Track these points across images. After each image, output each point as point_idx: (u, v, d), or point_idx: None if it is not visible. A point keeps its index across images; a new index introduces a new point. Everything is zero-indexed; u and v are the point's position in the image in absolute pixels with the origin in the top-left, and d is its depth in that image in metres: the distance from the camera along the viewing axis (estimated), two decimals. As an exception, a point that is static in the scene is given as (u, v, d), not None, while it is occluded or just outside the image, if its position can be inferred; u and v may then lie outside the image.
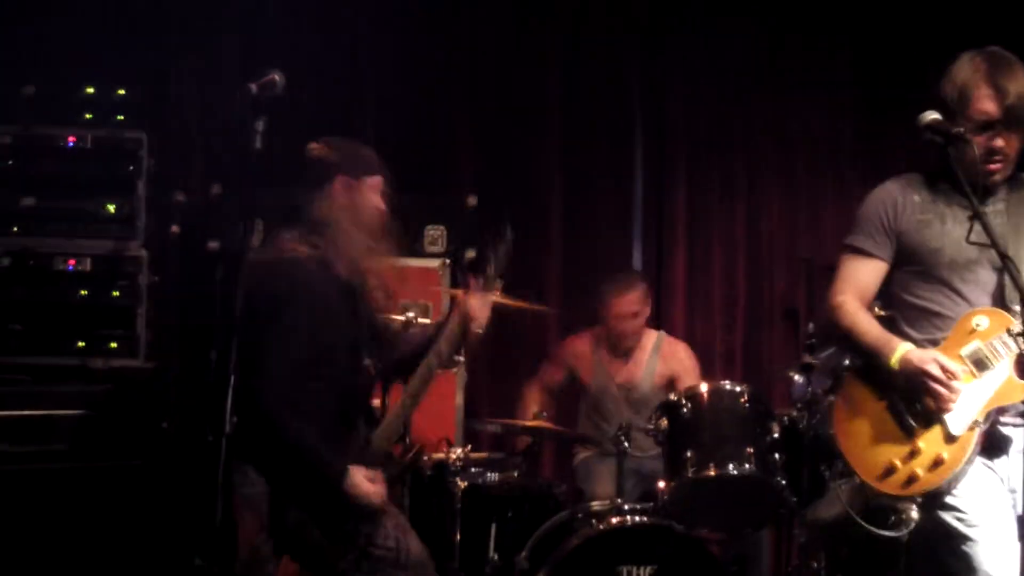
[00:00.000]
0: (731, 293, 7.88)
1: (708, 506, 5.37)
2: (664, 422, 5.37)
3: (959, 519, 4.00)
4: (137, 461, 5.79)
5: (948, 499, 4.01)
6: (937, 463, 3.98)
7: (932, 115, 4.04)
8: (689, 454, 5.20)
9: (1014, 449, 4.09)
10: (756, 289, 7.84)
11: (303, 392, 4.08)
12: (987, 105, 4.03)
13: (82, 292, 6.00)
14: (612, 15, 7.82)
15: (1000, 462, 4.08)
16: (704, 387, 5.41)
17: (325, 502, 4.10)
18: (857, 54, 7.89)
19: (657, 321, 7.44)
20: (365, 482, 4.16)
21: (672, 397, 5.43)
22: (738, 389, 5.35)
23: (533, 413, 6.16)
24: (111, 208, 6.05)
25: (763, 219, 7.90)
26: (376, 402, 4.63)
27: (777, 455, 5.26)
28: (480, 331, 4.52)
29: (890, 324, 4.22)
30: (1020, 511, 4.03)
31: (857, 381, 4.21)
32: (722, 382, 5.52)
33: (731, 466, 5.16)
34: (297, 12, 7.29)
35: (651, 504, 5.49)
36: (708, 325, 7.80)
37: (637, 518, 5.43)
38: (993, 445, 4.06)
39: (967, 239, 4.08)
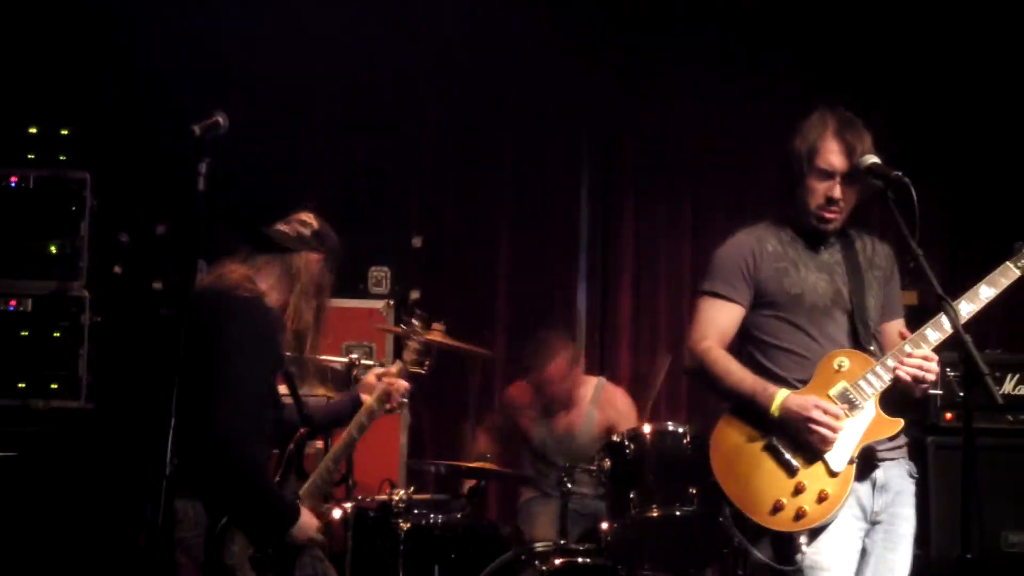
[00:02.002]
0: (677, 332, 7.91)
1: (652, 546, 5.37)
2: (608, 463, 5.38)
3: (809, 557, 4.22)
4: (78, 501, 5.75)
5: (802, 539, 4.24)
6: (823, 498, 4.20)
7: (872, 159, 4.28)
8: (632, 495, 5.21)
9: (889, 483, 4.36)
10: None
11: (255, 427, 4.09)
12: (834, 158, 4.32)
13: (23, 332, 5.95)
14: (562, 55, 7.87)
15: (867, 490, 4.32)
16: (647, 428, 5.41)
17: (268, 534, 4.11)
18: (809, 90, 7.95)
19: (602, 360, 7.48)
20: (310, 520, 4.21)
21: (615, 438, 5.43)
22: (681, 430, 5.36)
23: (477, 455, 6.18)
24: (53, 248, 6.02)
25: (709, 259, 7.92)
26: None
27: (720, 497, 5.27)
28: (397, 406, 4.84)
29: (752, 363, 4.42)
30: (909, 528, 4.38)
31: (731, 424, 4.36)
32: (665, 423, 5.52)
33: (675, 506, 5.17)
34: (246, 49, 7.29)
35: (595, 545, 5.48)
36: (653, 363, 7.81)
37: (581, 559, 5.43)
38: (864, 468, 4.29)
39: (872, 263, 4.47)
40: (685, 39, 7.94)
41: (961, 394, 4.02)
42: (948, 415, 6.23)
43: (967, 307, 4.25)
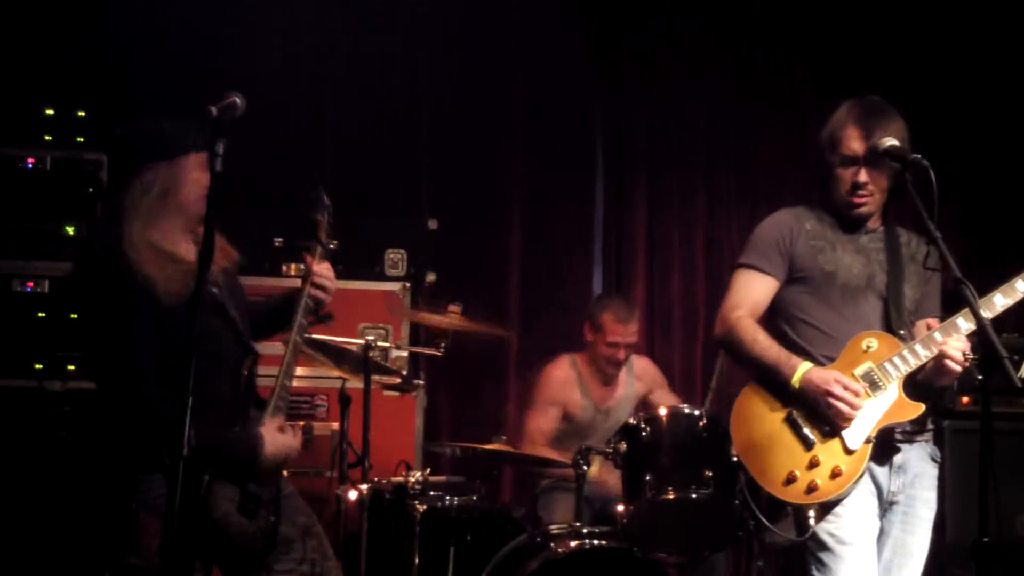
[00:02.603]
0: (691, 316, 7.93)
1: (667, 529, 5.36)
2: (623, 445, 5.37)
3: (831, 534, 4.31)
4: (94, 482, 5.76)
5: (828, 515, 4.32)
6: (836, 474, 4.28)
7: (890, 141, 4.30)
8: (648, 477, 5.19)
9: (907, 464, 4.42)
10: (716, 312, 7.84)
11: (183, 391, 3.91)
12: (853, 144, 4.38)
13: (40, 314, 5.96)
14: (574, 39, 7.88)
15: (885, 470, 4.39)
16: (663, 410, 5.40)
17: (243, 473, 4.04)
18: (817, 79, 7.98)
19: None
20: (279, 436, 4.10)
21: (631, 421, 5.42)
22: (696, 412, 5.33)
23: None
24: (70, 230, 6.03)
25: (723, 244, 7.96)
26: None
27: (735, 477, 5.27)
28: (328, 298, 4.46)
29: (781, 337, 4.49)
30: (929, 511, 4.47)
31: (754, 393, 4.47)
32: (680, 405, 5.53)
33: (690, 489, 5.16)
34: (259, 34, 7.31)
35: (610, 527, 5.48)
36: (667, 347, 7.84)
37: (596, 541, 5.42)
38: (884, 454, 4.37)
39: (924, 264, 4.34)
40: (699, 28, 7.98)
41: (979, 377, 4.04)
42: (964, 399, 6.24)
43: (1002, 300, 4.33)
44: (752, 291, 4.56)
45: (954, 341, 4.26)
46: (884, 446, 4.34)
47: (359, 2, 7.52)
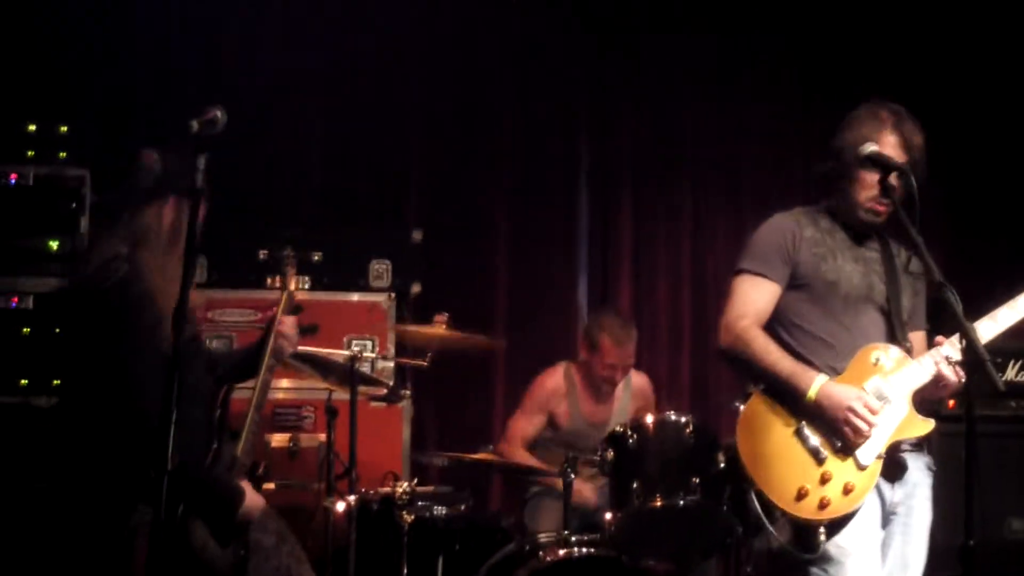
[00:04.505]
0: (676, 324, 7.92)
1: (655, 537, 5.36)
2: (610, 453, 5.37)
3: (835, 544, 4.22)
4: (85, 498, 5.74)
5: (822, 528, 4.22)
6: (848, 490, 4.20)
7: (871, 147, 4.23)
8: (635, 485, 5.19)
9: (909, 474, 4.40)
10: (701, 319, 7.87)
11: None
12: (893, 152, 4.26)
13: (25, 330, 5.95)
14: (558, 48, 7.88)
15: (894, 485, 4.35)
16: (649, 418, 5.39)
17: (219, 519, 4.10)
18: (806, 86, 7.98)
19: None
20: (254, 494, 4.20)
21: (618, 429, 5.42)
22: (683, 420, 5.33)
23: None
24: (54, 245, 6.01)
25: (708, 251, 7.96)
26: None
27: (724, 485, 5.27)
28: (289, 349, 4.61)
29: (780, 345, 4.37)
30: (925, 521, 4.44)
31: (763, 404, 4.35)
32: (667, 413, 5.51)
33: (677, 496, 5.16)
34: (244, 46, 7.31)
35: (598, 536, 5.48)
36: (653, 354, 7.82)
37: (584, 550, 5.42)
38: (893, 470, 4.32)
39: (906, 268, 4.37)
40: (684, 33, 7.98)
41: (963, 381, 4.05)
42: (950, 402, 6.22)
43: (1009, 314, 4.37)
44: (756, 298, 4.43)
45: (947, 360, 4.22)
46: (892, 460, 4.28)
47: (346, 13, 7.51)
